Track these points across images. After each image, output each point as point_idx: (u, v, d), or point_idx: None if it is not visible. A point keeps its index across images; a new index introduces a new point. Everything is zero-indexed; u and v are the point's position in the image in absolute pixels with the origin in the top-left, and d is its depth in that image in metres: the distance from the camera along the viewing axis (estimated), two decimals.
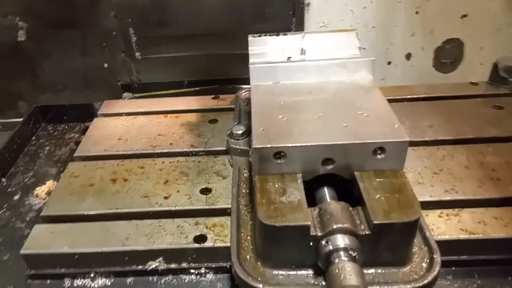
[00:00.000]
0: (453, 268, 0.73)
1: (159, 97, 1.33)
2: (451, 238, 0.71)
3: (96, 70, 1.30)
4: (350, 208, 0.64)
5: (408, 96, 1.11)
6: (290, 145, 0.66)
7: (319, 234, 0.60)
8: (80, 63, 1.29)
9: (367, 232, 0.59)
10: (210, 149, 0.96)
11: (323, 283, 0.61)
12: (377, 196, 0.63)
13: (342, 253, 0.58)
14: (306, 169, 0.68)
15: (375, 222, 0.59)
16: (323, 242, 0.59)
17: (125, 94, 1.36)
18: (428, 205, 0.77)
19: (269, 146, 0.66)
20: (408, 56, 1.34)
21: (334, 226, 0.59)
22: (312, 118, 0.72)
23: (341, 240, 0.59)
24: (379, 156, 0.66)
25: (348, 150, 0.66)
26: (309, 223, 0.60)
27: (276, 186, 0.67)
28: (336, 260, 0.57)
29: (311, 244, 0.61)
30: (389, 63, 1.36)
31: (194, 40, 1.28)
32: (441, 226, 0.72)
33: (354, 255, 0.58)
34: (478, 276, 0.72)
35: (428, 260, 0.63)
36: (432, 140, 0.94)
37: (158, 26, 1.26)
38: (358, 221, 0.61)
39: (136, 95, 1.35)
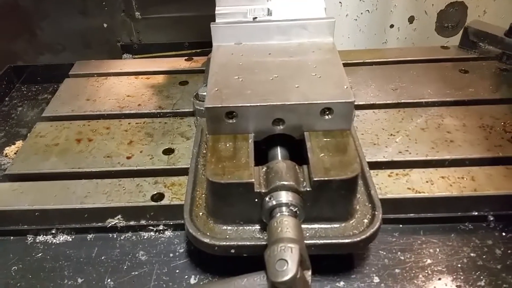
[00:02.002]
0: (400, 226, 0.76)
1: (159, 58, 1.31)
2: (397, 196, 0.73)
3: (95, 30, 1.30)
4: (297, 167, 0.65)
5: (379, 60, 1.11)
6: (240, 105, 0.67)
7: (263, 190, 0.62)
8: (79, 23, 1.28)
9: (308, 189, 0.62)
10: (178, 110, 0.98)
11: None
12: (321, 155, 0.65)
13: (283, 208, 0.60)
14: (258, 129, 0.70)
15: (315, 179, 0.61)
16: (267, 198, 0.62)
17: (124, 55, 1.35)
18: (380, 165, 0.80)
19: (220, 106, 0.67)
20: (411, 20, 1.33)
21: (277, 183, 0.61)
22: (266, 79, 0.73)
23: (283, 196, 0.61)
24: (326, 117, 0.68)
25: (296, 110, 0.67)
26: (253, 180, 0.62)
27: (227, 145, 0.68)
28: (278, 215, 0.60)
29: (256, 200, 0.63)
30: (392, 26, 1.35)
31: None
32: (389, 185, 0.75)
33: (295, 210, 0.61)
34: (423, 233, 0.75)
35: (370, 217, 0.66)
36: (395, 103, 0.95)
37: None
38: (301, 178, 0.64)
39: (136, 56, 1.34)
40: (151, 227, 0.77)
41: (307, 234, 0.65)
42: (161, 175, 0.81)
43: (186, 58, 1.18)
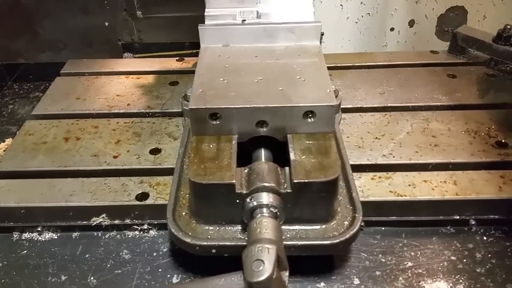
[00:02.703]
0: (383, 228, 0.77)
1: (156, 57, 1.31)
2: (379, 199, 0.74)
3: (96, 29, 1.29)
4: (279, 169, 0.66)
5: (368, 63, 1.12)
6: (224, 106, 0.68)
7: (244, 191, 0.63)
8: (81, 21, 1.27)
9: (288, 191, 0.62)
10: (166, 110, 0.98)
11: None
12: (303, 157, 0.65)
13: (264, 209, 0.61)
14: (241, 130, 0.70)
15: (295, 181, 0.62)
16: (248, 199, 0.62)
17: (125, 54, 1.35)
18: (364, 168, 0.80)
19: (203, 107, 0.68)
20: (411, 23, 1.35)
21: (258, 185, 0.62)
22: (251, 81, 0.73)
23: (263, 198, 0.61)
24: (309, 120, 0.68)
25: (279, 113, 0.68)
26: (234, 181, 0.62)
27: (211, 146, 0.69)
28: (258, 216, 0.60)
29: (237, 201, 0.63)
30: (392, 29, 1.36)
31: None
32: (372, 187, 0.76)
33: (275, 211, 0.61)
34: (405, 236, 0.76)
35: (350, 219, 0.66)
36: (381, 107, 0.96)
37: None
38: (283, 180, 0.64)
39: (137, 55, 1.34)
40: (135, 226, 0.78)
41: (288, 235, 0.66)
42: (147, 174, 0.81)
43: (177, 58, 1.19)
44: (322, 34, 1.34)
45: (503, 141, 0.84)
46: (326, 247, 0.63)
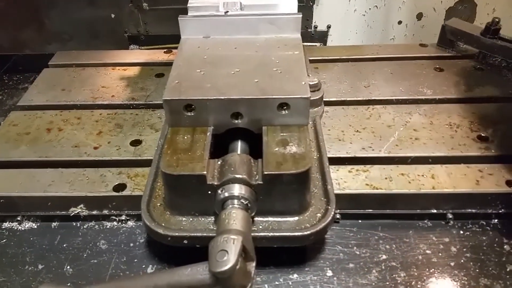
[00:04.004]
0: (359, 221, 0.77)
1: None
2: (355, 192, 0.74)
3: (103, 21, 1.29)
4: (252, 161, 0.66)
5: (356, 56, 1.12)
6: (197, 98, 0.67)
7: (216, 183, 0.63)
8: (87, 13, 1.27)
9: (259, 182, 0.62)
10: (150, 102, 0.98)
11: None
12: (276, 149, 0.65)
13: (234, 200, 0.61)
14: (217, 122, 0.70)
15: (265, 172, 0.62)
16: (219, 191, 0.62)
17: (131, 46, 1.35)
18: (343, 161, 0.80)
19: (177, 98, 0.68)
20: (419, 16, 1.33)
21: (230, 176, 0.62)
22: (228, 73, 0.73)
23: (234, 189, 0.62)
24: (283, 112, 0.68)
25: (253, 105, 0.68)
26: (205, 172, 0.62)
27: (185, 137, 0.69)
28: (228, 207, 0.61)
29: (209, 192, 0.64)
30: (400, 22, 1.35)
31: None
32: (348, 180, 0.76)
33: (246, 203, 0.61)
34: (381, 229, 0.76)
35: (323, 211, 0.66)
36: (365, 100, 0.95)
37: None
38: (255, 172, 0.64)
39: (143, 48, 1.34)
40: (113, 217, 0.78)
41: (260, 227, 0.66)
42: (127, 166, 0.82)
43: (165, 50, 1.19)
44: (329, 27, 1.35)
45: (483, 135, 0.84)
46: (297, 238, 0.63)
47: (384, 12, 1.34)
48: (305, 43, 1.32)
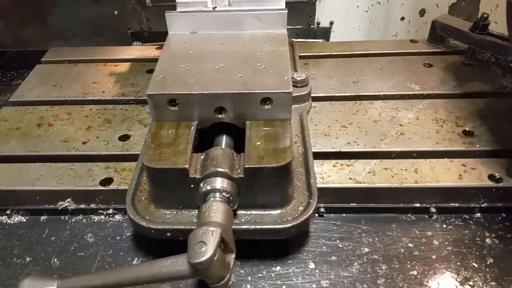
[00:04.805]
0: (344, 215, 0.77)
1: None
2: (338, 186, 0.75)
3: (105, 18, 1.30)
4: (235, 154, 0.67)
5: (346, 52, 1.12)
6: (180, 92, 0.68)
7: (198, 176, 0.64)
8: (90, 10, 1.28)
9: (241, 176, 0.63)
10: (140, 98, 0.99)
11: None
12: (258, 143, 0.66)
13: (216, 194, 0.62)
14: (201, 117, 0.71)
15: (246, 166, 0.62)
16: (201, 184, 0.63)
17: (134, 43, 1.36)
18: (329, 156, 0.81)
19: (161, 93, 0.69)
20: (422, 13, 1.33)
21: (212, 170, 0.63)
22: (212, 68, 0.74)
23: (216, 182, 0.62)
24: (266, 106, 0.69)
25: (236, 100, 0.68)
26: (187, 166, 0.63)
27: (169, 132, 0.70)
28: (210, 200, 0.61)
29: (192, 186, 0.64)
30: (403, 18, 1.35)
31: None
32: (332, 174, 0.76)
33: (227, 196, 0.62)
34: (365, 222, 0.76)
35: (305, 204, 0.67)
36: (353, 95, 0.96)
37: None
38: (237, 166, 0.65)
39: (146, 44, 1.34)
40: (101, 211, 0.79)
41: (243, 220, 0.67)
42: (114, 160, 0.83)
43: (157, 46, 1.20)
44: (332, 24, 1.35)
45: (468, 130, 0.84)
46: (278, 231, 0.64)
47: (386, 8, 1.34)
48: (308, 40, 1.36)
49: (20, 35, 1.32)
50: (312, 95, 0.91)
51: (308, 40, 1.36)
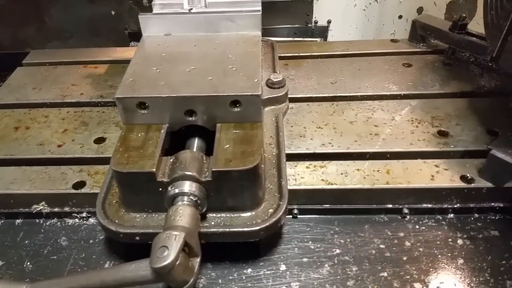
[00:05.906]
0: (317, 216, 0.78)
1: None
2: (310, 187, 0.75)
3: (103, 18, 1.29)
4: (204, 158, 0.67)
5: (326, 53, 1.12)
6: (149, 95, 0.68)
7: (166, 180, 0.64)
8: (87, 10, 1.28)
9: (209, 179, 0.63)
10: None
11: None
12: (226, 146, 0.66)
13: (184, 197, 0.62)
14: (171, 120, 0.71)
15: (214, 169, 0.62)
16: (169, 188, 0.63)
17: (132, 43, 1.35)
18: (303, 157, 0.81)
19: (130, 96, 0.68)
20: (420, 11, 1.33)
21: (179, 173, 0.63)
22: (183, 71, 0.74)
23: (184, 186, 0.62)
24: (236, 109, 0.69)
25: (205, 102, 0.68)
26: (154, 170, 0.63)
27: (139, 135, 0.70)
28: (178, 203, 0.61)
29: (160, 189, 0.64)
30: (400, 17, 1.35)
31: None
32: (305, 176, 0.76)
33: (195, 199, 0.62)
34: (338, 224, 0.76)
35: (276, 206, 0.67)
36: (331, 96, 0.96)
37: None
38: (206, 169, 0.65)
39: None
40: (75, 214, 0.79)
41: (213, 223, 0.67)
42: (89, 163, 0.82)
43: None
44: (329, 22, 1.35)
45: (444, 130, 0.85)
46: (247, 233, 0.64)
47: (384, 6, 1.34)
48: (306, 39, 1.35)
49: (17, 35, 1.31)
50: (290, 96, 0.91)
51: (306, 39, 1.36)
